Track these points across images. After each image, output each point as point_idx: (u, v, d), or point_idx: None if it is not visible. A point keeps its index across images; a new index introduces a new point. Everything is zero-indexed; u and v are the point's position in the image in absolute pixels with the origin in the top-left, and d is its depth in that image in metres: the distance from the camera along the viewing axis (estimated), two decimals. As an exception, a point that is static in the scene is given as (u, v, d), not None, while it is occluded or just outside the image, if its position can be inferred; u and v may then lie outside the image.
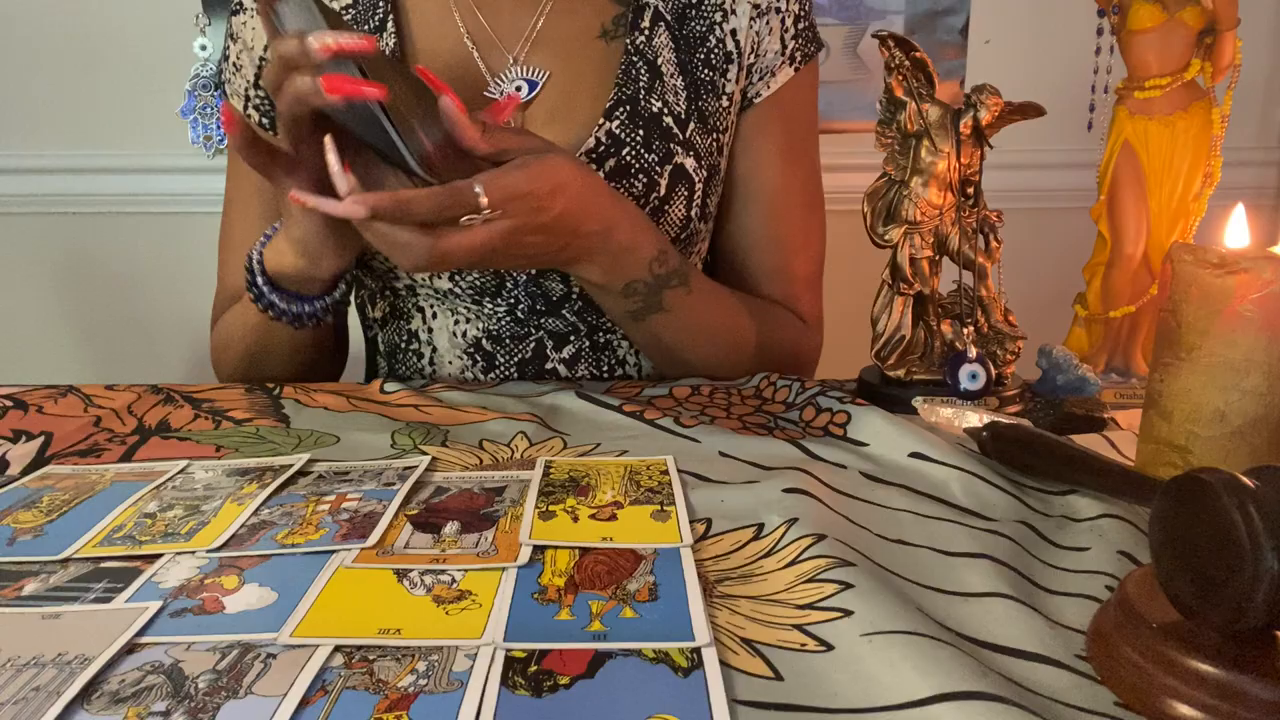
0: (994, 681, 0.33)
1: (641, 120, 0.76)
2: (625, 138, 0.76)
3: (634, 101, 0.76)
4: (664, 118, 0.77)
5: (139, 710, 0.33)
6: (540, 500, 0.50)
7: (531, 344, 0.80)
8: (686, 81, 0.79)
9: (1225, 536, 0.31)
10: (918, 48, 0.68)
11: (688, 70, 0.79)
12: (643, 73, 0.77)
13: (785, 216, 0.84)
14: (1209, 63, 0.74)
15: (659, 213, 0.77)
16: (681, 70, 0.79)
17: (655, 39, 0.78)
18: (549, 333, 0.80)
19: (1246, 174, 1.71)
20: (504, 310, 0.78)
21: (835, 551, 0.43)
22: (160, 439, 0.61)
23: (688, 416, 0.63)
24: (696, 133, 0.79)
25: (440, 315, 0.80)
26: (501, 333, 0.79)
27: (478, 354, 0.80)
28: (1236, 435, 0.49)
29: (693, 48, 0.79)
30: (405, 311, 0.82)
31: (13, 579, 0.42)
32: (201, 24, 1.65)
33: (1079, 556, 0.45)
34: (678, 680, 0.34)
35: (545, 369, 0.80)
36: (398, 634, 0.37)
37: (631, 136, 0.76)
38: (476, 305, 0.78)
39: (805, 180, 0.85)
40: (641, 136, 0.76)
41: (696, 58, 0.79)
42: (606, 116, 0.76)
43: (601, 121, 0.76)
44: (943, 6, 1.71)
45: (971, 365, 0.65)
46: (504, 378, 0.80)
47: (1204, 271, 0.49)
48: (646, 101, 0.77)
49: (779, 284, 0.84)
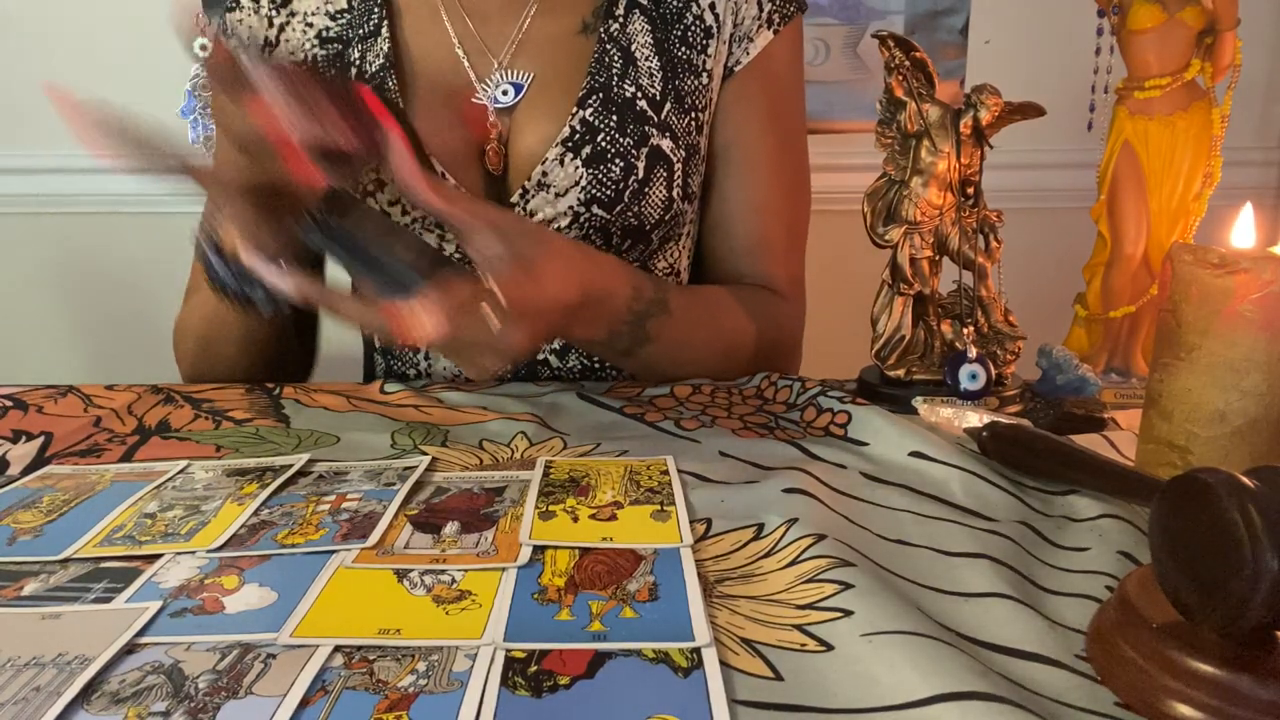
0: (994, 682, 0.33)
1: (615, 105, 0.77)
2: (599, 124, 0.76)
3: (606, 88, 0.77)
4: (638, 101, 0.77)
5: (139, 710, 0.33)
6: (540, 500, 0.50)
7: None
8: (663, 62, 0.79)
9: (1225, 536, 0.31)
10: (918, 48, 0.68)
11: (664, 50, 0.79)
12: (616, 59, 0.78)
13: (763, 181, 0.83)
14: (1209, 63, 0.74)
15: (639, 196, 0.77)
16: (658, 50, 0.79)
17: (630, 25, 0.79)
18: None
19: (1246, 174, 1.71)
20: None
21: (835, 552, 0.43)
22: (160, 439, 0.61)
23: (688, 418, 0.63)
24: (673, 113, 0.79)
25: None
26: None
27: None
28: (1236, 435, 0.49)
29: (669, 25, 0.80)
30: None
31: (13, 579, 0.42)
32: (201, 24, 1.65)
33: (1079, 557, 0.45)
34: (678, 680, 0.34)
35: (536, 359, 0.81)
36: (398, 634, 0.37)
37: (605, 122, 0.76)
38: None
39: (784, 143, 0.84)
40: (615, 121, 0.76)
41: (673, 35, 0.80)
42: (580, 105, 0.76)
43: (575, 110, 0.76)
44: (943, 6, 1.71)
45: (971, 365, 0.65)
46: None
47: (1204, 271, 0.49)
48: (620, 87, 0.77)
49: (758, 253, 0.84)
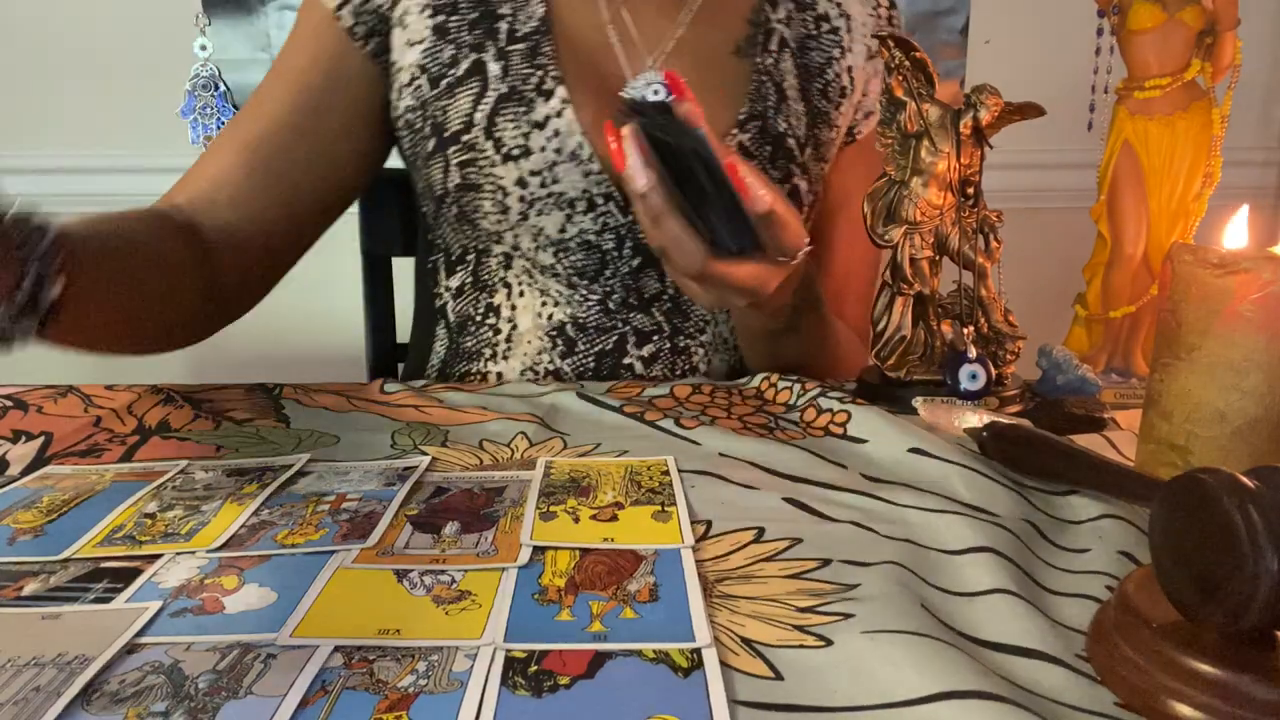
0: (994, 680, 0.33)
1: (769, 138, 0.78)
2: (754, 151, 0.78)
3: (763, 118, 0.78)
4: (787, 138, 0.79)
5: (139, 710, 0.33)
6: (541, 501, 0.50)
7: (615, 337, 0.79)
8: (806, 108, 0.82)
9: (1225, 536, 0.31)
10: (918, 48, 0.68)
11: (807, 97, 0.82)
12: (770, 92, 0.80)
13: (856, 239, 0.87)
14: (1209, 63, 0.74)
15: None
16: (802, 96, 0.82)
17: (781, 63, 0.81)
18: (634, 328, 0.80)
19: (1246, 174, 1.71)
20: (596, 299, 0.79)
21: (840, 577, 0.42)
22: (160, 439, 0.61)
23: (688, 417, 0.63)
24: (811, 158, 0.82)
25: (528, 294, 0.80)
26: (588, 321, 0.79)
27: (560, 338, 0.79)
28: (1236, 435, 0.49)
29: (811, 76, 0.82)
30: (489, 284, 0.81)
31: (13, 579, 0.42)
32: (201, 24, 1.65)
33: (1079, 557, 0.45)
34: (678, 680, 0.34)
35: (623, 364, 0.80)
36: (398, 634, 0.37)
37: (759, 151, 0.78)
38: (570, 289, 0.78)
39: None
40: (768, 153, 0.78)
41: (814, 86, 0.82)
42: (739, 128, 0.77)
43: (734, 133, 0.77)
44: (943, 6, 1.71)
45: (971, 365, 0.65)
46: (580, 366, 0.79)
47: (1204, 271, 0.49)
48: (774, 120, 0.79)
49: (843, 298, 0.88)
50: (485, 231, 0.78)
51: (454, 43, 0.75)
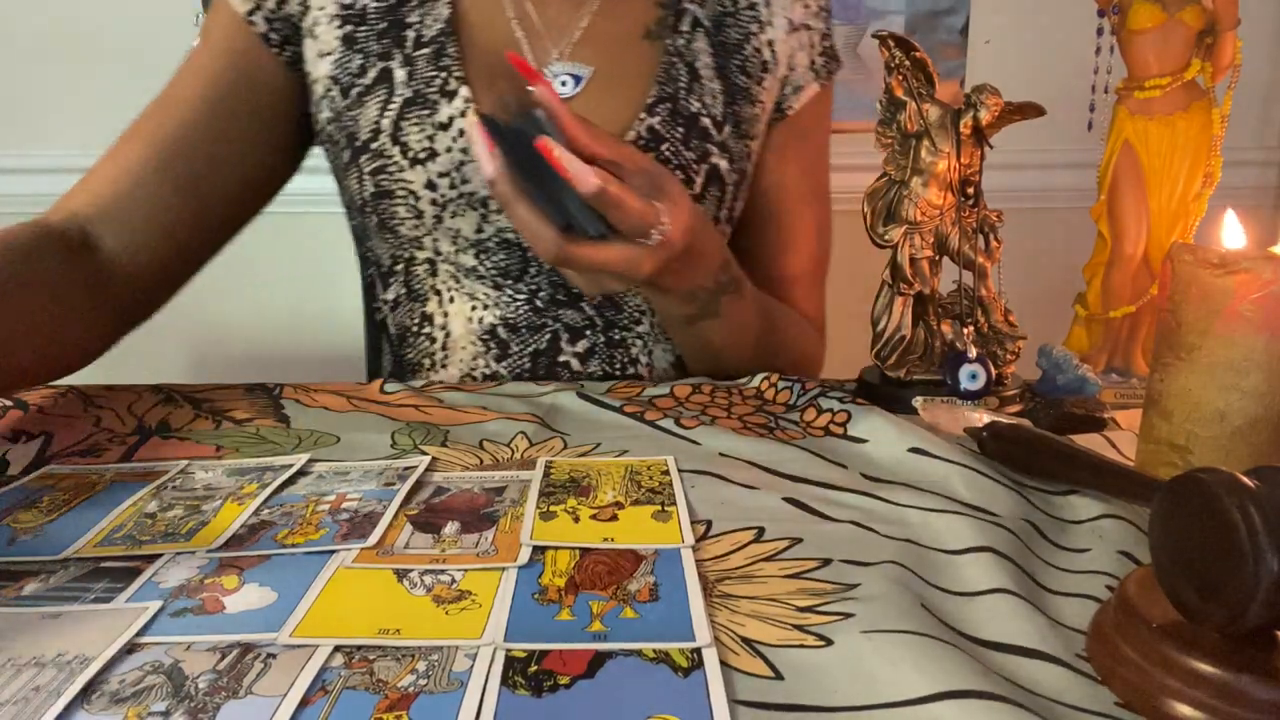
0: (994, 680, 0.33)
1: (681, 118, 0.77)
2: (665, 134, 0.76)
3: (674, 99, 0.78)
4: (702, 118, 0.78)
5: (139, 710, 0.33)
6: (541, 501, 0.50)
7: (547, 335, 0.79)
8: (723, 86, 0.80)
9: (1225, 536, 0.31)
10: (918, 48, 0.68)
11: (724, 75, 0.81)
12: (682, 73, 0.79)
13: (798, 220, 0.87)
14: (1209, 63, 0.74)
15: None
16: (719, 74, 0.80)
17: (694, 43, 0.80)
18: (565, 325, 0.79)
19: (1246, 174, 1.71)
20: (524, 298, 0.78)
21: (840, 577, 0.42)
22: (160, 439, 0.61)
23: (688, 417, 0.63)
24: (731, 137, 0.80)
25: (458, 299, 0.79)
26: (518, 321, 0.79)
27: (492, 341, 0.79)
28: (1236, 435, 0.49)
29: (729, 52, 0.81)
30: (421, 294, 0.81)
31: (13, 579, 0.42)
32: (201, 23, 1.65)
33: (1079, 557, 0.45)
34: (678, 680, 0.34)
35: (558, 361, 0.79)
36: (398, 634, 0.37)
37: (671, 133, 0.77)
38: (496, 290, 0.78)
39: (817, 189, 0.89)
40: (680, 134, 0.77)
41: (733, 63, 0.81)
42: (648, 112, 0.77)
43: (643, 116, 0.76)
44: (943, 6, 1.71)
45: (971, 365, 0.65)
46: (516, 368, 0.79)
47: (1204, 271, 0.49)
48: (686, 101, 0.78)
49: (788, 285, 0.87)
50: (405, 238, 0.78)
51: (362, 52, 0.75)
